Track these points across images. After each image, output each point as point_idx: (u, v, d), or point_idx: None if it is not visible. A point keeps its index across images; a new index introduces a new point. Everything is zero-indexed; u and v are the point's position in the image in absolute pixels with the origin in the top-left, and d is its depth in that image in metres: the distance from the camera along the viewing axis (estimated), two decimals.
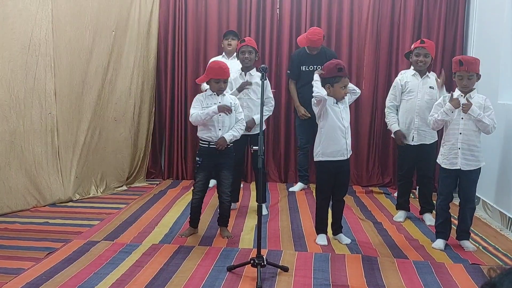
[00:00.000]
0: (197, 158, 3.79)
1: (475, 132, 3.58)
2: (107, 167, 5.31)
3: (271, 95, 4.57)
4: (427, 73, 4.27)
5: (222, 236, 3.82)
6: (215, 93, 3.76)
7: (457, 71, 3.56)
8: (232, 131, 3.78)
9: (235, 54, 4.93)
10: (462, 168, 3.57)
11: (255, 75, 4.43)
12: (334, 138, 3.63)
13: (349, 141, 3.69)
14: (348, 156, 3.71)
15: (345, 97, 3.65)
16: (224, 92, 3.82)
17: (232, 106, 3.76)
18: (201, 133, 3.79)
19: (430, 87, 4.21)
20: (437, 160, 3.78)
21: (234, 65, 4.55)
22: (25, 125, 4.40)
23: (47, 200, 4.60)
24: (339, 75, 3.57)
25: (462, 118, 3.57)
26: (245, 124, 3.97)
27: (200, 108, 3.72)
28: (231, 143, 3.79)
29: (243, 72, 4.44)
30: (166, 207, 4.65)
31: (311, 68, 5.06)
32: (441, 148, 3.73)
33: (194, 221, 3.89)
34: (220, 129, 3.73)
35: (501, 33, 4.63)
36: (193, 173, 3.89)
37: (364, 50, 5.72)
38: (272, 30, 5.82)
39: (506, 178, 4.35)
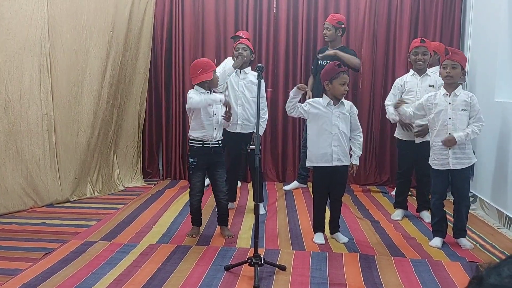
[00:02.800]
0: (191, 159, 3.72)
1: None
2: (104, 167, 5.30)
3: (265, 95, 4.60)
4: (427, 71, 4.29)
5: (223, 235, 3.82)
6: (207, 91, 3.75)
7: (443, 60, 3.59)
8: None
9: None
10: (454, 168, 3.58)
11: (249, 73, 4.45)
12: (319, 143, 3.61)
13: (337, 149, 3.59)
14: (334, 164, 3.60)
15: (344, 95, 3.63)
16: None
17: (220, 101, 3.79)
18: (195, 133, 3.72)
19: (430, 85, 4.22)
20: (429, 161, 3.77)
21: (228, 62, 4.55)
22: (21, 125, 4.39)
23: (44, 200, 4.59)
24: (340, 71, 3.56)
25: (450, 118, 3.57)
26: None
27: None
28: (221, 139, 3.80)
29: (238, 70, 4.43)
30: (164, 207, 4.64)
31: (325, 63, 5.08)
32: (431, 149, 3.73)
33: (197, 220, 3.90)
34: (215, 128, 3.73)
35: (498, 31, 4.63)
36: (188, 175, 3.85)
37: (361, 49, 5.72)
38: (269, 29, 5.82)
39: (503, 175, 4.35)
